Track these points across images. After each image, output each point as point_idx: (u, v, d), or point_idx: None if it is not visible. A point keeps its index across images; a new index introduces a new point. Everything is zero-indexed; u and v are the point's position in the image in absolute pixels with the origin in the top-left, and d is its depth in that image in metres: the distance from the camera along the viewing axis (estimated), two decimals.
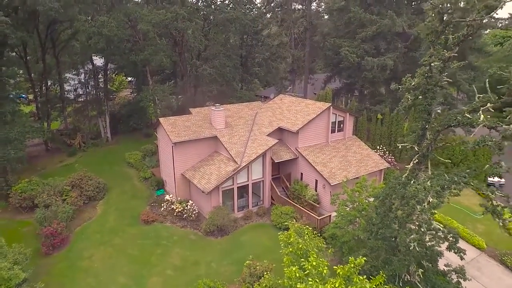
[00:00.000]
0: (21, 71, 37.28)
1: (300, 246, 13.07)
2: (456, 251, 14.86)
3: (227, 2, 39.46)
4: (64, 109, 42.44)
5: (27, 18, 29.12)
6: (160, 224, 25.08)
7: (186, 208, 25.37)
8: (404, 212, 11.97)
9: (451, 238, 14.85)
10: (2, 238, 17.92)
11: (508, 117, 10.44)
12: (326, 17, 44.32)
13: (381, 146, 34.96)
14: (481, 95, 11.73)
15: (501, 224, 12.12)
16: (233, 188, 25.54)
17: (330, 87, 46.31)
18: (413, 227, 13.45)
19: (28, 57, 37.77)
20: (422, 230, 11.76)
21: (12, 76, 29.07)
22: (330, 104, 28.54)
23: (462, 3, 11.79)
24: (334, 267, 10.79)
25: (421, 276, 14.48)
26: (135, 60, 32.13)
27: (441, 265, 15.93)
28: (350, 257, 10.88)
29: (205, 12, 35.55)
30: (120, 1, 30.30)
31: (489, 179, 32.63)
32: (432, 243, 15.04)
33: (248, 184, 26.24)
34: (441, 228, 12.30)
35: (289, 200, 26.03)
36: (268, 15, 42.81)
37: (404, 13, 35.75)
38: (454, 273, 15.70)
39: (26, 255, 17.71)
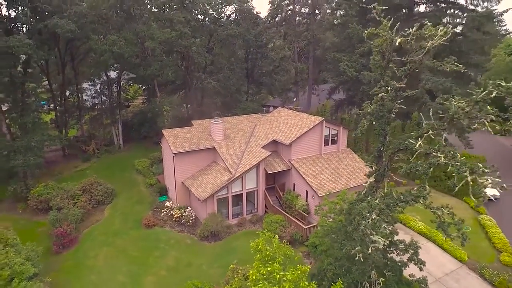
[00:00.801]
0: (44, 82, 40.84)
1: (268, 253, 14.72)
2: (415, 262, 16.18)
3: (233, 16, 41.70)
4: (81, 118, 45.67)
5: (48, 37, 32.17)
6: (160, 228, 27.18)
7: (184, 214, 27.41)
8: (350, 227, 13.44)
9: (411, 251, 16.17)
10: (17, 236, 20.40)
11: (437, 145, 11.80)
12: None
13: None
14: (427, 122, 13.13)
15: (445, 237, 13.38)
16: (228, 196, 27.39)
17: (334, 98, 47.74)
18: (380, 240, 14.78)
19: (49, 69, 41.18)
20: (368, 243, 13.11)
21: (33, 89, 32.14)
22: (323, 118, 30.03)
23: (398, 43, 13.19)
24: (287, 273, 12.40)
25: (382, 284, 15.84)
26: (143, 75, 34.67)
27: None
28: (298, 265, 12.48)
29: (211, 27, 37.73)
30: (130, 19, 32.91)
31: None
32: (391, 255, 16.43)
33: (242, 193, 28.03)
34: (381, 241, 13.51)
35: (280, 209, 27.63)
36: (273, 29, 44.72)
37: (402, 30, 36.72)
38: (417, 283, 16.98)
39: (37, 253, 20.07)
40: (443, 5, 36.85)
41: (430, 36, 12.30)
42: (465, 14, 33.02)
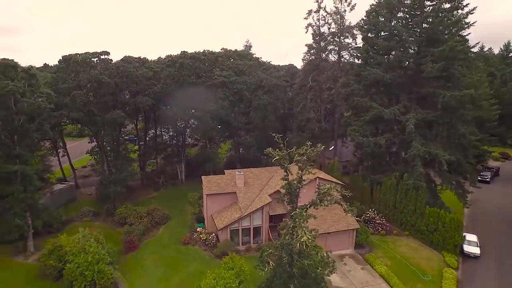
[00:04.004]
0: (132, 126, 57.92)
1: (229, 264, 25.17)
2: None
3: (266, 88, 53.29)
4: (157, 157, 61.50)
5: (135, 107, 48.32)
6: (192, 246, 38.82)
7: (208, 238, 38.75)
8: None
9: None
10: (104, 238, 33.87)
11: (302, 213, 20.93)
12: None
13: (372, 209, 42.92)
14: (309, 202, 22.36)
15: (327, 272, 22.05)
16: (239, 228, 37.99)
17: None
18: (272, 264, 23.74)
19: (138, 121, 58.20)
20: (266, 264, 22.35)
21: (124, 141, 48.06)
22: (317, 176, 39.07)
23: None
24: (226, 275, 22.52)
25: None
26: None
27: None
28: (231, 271, 22.52)
29: (248, 97, 50.09)
30: (186, 95, 47.24)
31: (465, 249, 37.67)
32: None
33: (250, 228, 38.35)
34: (272, 264, 22.52)
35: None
36: (301, 95, 55.07)
37: (402, 101, 43.88)
38: None
39: (113, 250, 33.24)
40: (435, 84, 42.86)
41: (303, 152, 21.90)
42: (450, 94, 38.94)
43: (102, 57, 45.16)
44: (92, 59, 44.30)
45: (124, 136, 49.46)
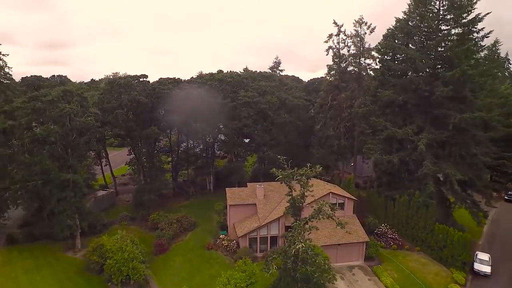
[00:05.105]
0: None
1: (242, 268, 28.92)
2: None
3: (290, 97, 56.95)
4: (188, 168, 66.87)
5: (168, 123, 53.98)
6: (214, 251, 42.92)
7: (230, 244, 42.72)
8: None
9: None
10: (138, 240, 38.89)
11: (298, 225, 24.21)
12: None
13: (385, 224, 44.89)
14: (311, 215, 25.68)
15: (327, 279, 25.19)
16: (257, 237, 41.64)
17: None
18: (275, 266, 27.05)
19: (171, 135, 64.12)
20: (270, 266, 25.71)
21: (158, 153, 53.63)
22: (330, 191, 41.99)
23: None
24: (236, 275, 26.22)
25: None
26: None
27: None
28: (242, 273, 26.18)
29: (271, 116, 54.15)
30: (213, 113, 52.14)
31: (475, 267, 38.71)
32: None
33: (267, 236, 41.87)
34: (275, 267, 25.90)
35: None
36: (321, 115, 58.22)
37: (415, 121, 45.81)
38: None
39: (145, 251, 38.11)
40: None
41: (303, 172, 25.32)
42: (460, 116, 40.50)
43: (141, 79, 51.31)
44: (132, 81, 50.53)
45: (158, 149, 55.19)
